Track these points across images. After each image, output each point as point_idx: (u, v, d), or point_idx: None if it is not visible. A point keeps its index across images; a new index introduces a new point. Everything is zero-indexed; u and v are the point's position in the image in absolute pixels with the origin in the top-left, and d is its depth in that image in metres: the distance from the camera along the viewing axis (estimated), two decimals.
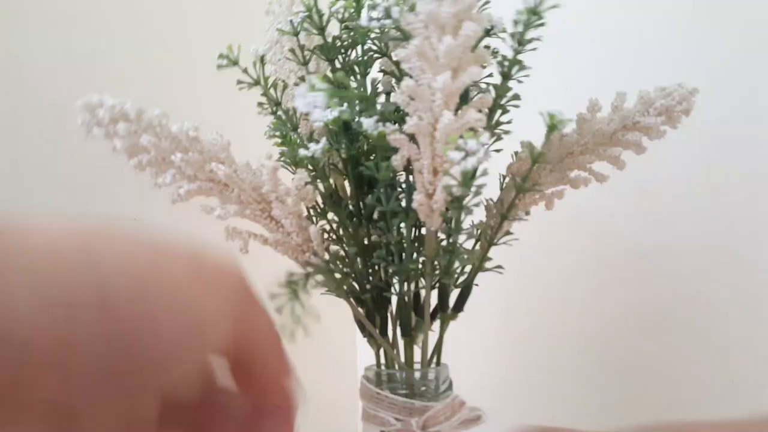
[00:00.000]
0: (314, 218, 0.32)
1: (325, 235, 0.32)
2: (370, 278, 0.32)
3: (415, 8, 0.25)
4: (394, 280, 0.32)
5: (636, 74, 0.45)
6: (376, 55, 0.31)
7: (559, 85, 0.48)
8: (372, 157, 0.30)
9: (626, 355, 0.50)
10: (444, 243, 0.31)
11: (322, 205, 0.32)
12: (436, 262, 0.30)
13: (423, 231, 0.31)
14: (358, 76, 0.31)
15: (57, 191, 0.47)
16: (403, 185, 0.30)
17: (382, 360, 0.33)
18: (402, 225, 0.30)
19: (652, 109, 0.29)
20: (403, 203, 0.30)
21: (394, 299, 0.32)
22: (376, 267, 0.32)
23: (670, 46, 0.45)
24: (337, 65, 0.31)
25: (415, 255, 0.31)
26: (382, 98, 0.32)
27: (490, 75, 0.30)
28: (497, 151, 0.31)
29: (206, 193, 0.28)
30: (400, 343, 0.32)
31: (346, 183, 0.32)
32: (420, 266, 0.31)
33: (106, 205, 0.48)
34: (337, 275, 0.31)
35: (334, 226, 0.32)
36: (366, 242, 0.32)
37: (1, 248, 0.14)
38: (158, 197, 0.29)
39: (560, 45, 0.41)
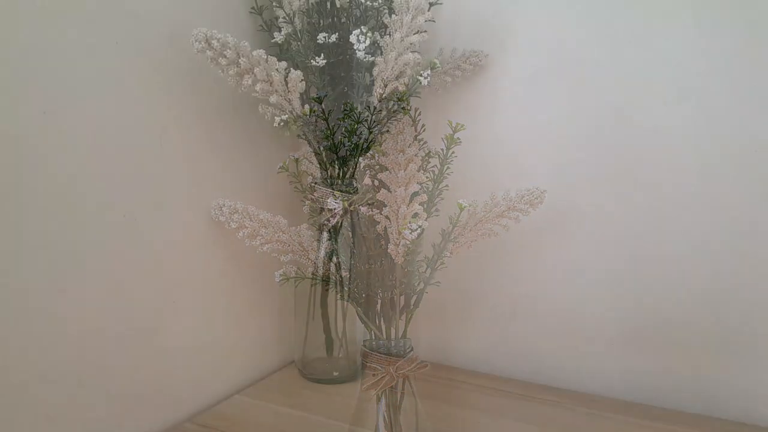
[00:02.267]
0: (334, 257, 0.56)
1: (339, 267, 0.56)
2: (366, 290, 0.56)
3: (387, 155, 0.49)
4: (379, 292, 0.56)
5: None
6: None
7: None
8: (365, 225, 0.54)
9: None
10: (406, 270, 0.55)
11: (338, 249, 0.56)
12: (402, 281, 0.54)
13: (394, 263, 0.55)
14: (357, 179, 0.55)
15: (52, 189, 0.46)
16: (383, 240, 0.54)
17: (374, 336, 0.56)
18: (383, 261, 0.54)
19: (522, 200, 0.53)
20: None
21: (379, 302, 0.56)
22: (369, 285, 0.56)
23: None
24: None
25: (390, 277, 0.55)
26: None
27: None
28: (436, 215, 0.55)
29: (277, 249, 0.52)
30: (383, 326, 0.56)
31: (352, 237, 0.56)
32: (393, 283, 0.55)
33: (99, 202, 0.49)
34: (347, 289, 0.56)
35: (346, 262, 0.56)
36: (363, 270, 0.55)
37: None
38: (146, 196, 0.45)
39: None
